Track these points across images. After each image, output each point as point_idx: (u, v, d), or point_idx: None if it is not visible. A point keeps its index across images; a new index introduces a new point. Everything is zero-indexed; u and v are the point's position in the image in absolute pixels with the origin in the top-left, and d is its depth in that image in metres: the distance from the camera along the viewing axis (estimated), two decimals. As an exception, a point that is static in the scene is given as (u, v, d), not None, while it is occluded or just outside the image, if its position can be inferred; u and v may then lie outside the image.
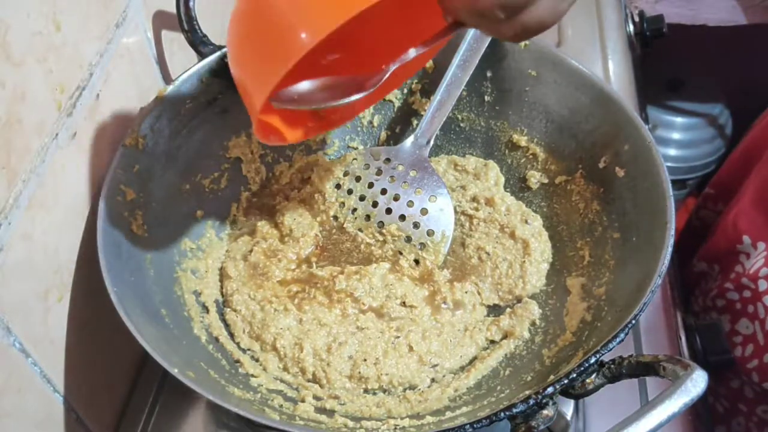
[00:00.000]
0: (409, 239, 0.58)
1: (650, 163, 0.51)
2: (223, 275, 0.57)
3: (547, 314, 0.55)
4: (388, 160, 0.60)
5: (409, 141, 0.60)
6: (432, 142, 0.60)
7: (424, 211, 0.58)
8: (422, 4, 0.45)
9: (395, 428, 0.46)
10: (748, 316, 0.69)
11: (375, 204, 0.59)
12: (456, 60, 0.58)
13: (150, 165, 0.53)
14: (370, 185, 0.59)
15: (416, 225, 0.58)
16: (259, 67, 0.41)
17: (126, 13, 0.52)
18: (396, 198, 0.58)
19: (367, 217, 0.59)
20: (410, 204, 0.58)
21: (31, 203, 0.41)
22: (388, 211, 0.58)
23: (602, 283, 0.52)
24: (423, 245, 0.57)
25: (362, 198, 0.59)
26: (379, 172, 0.60)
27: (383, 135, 0.66)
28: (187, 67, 0.56)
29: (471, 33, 0.58)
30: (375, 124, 0.66)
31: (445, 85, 0.59)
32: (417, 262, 0.57)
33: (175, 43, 0.60)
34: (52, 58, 0.43)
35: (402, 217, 0.58)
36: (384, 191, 0.59)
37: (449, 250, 0.58)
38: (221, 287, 0.56)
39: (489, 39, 0.58)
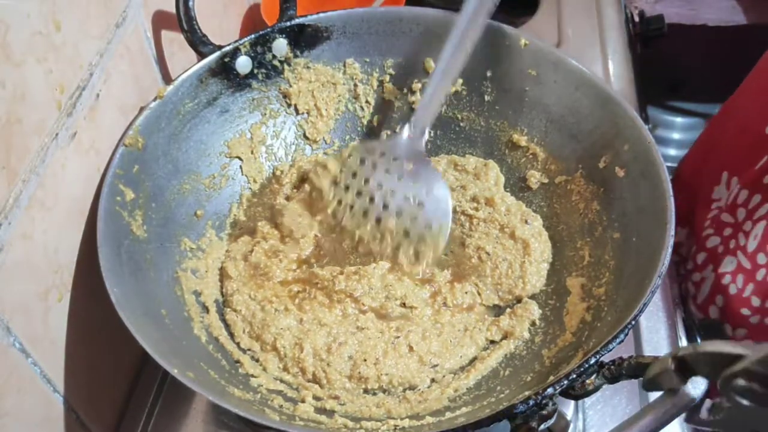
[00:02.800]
0: (407, 233, 0.57)
1: (650, 164, 0.51)
2: (223, 275, 0.57)
3: (547, 314, 0.54)
4: (383, 153, 0.59)
5: (404, 133, 0.59)
6: (427, 133, 0.59)
7: (420, 205, 0.57)
8: None
9: (395, 429, 0.46)
10: (731, 252, 0.70)
11: (372, 200, 0.58)
12: (447, 47, 0.56)
13: (150, 165, 0.53)
14: (366, 181, 0.59)
15: (414, 218, 0.57)
16: None
17: (126, 13, 0.52)
18: (392, 192, 0.58)
19: (365, 213, 0.58)
20: (407, 198, 0.57)
21: (31, 203, 0.41)
22: (385, 206, 0.58)
23: (602, 283, 0.52)
24: (421, 238, 0.57)
25: (359, 194, 0.59)
26: (374, 167, 0.59)
27: (384, 135, 0.66)
28: (187, 67, 0.56)
29: (463, 17, 0.55)
30: (375, 124, 0.66)
31: (438, 72, 0.57)
32: (417, 257, 0.57)
33: (175, 43, 0.60)
34: (52, 58, 0.43)
35: (399, 212, 0.57)
36: (380, 186, 0.58)
37: (449, 251, 0.58)
38: (221, 287, 0.56)
39: (482, 25, 0.56)
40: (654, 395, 0.54)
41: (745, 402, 0.31)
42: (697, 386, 0.34)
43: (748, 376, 0.29)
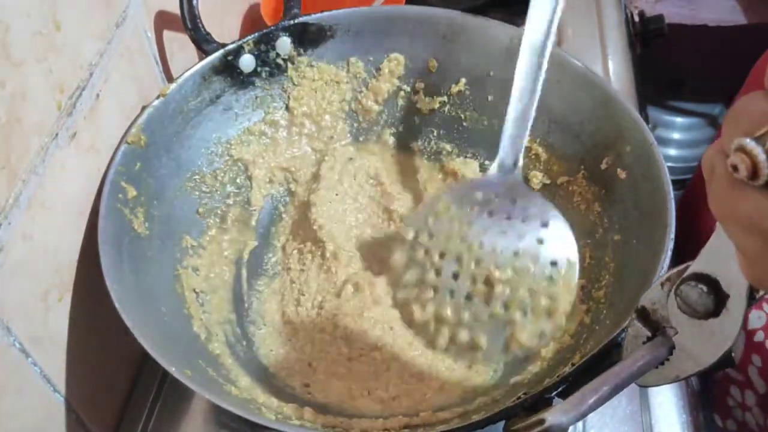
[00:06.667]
0: (533, 276, 0.49)
1: (652, 166, 0.50)
2: None
3: (547, 316, 0.54)
4: (482, 193, 0.52)
5: (494, 168, 0.53)
6: (521, 163, 0.52)
7: (540, 241, 0.50)
8: None
9: (390, 428, 0.46)
10: (757, 306, 0.66)
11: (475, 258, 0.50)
12: (520, 66, 0.51)
13: (152, 162, 0.53)
14: (463, 239, 0.50)
15: (535, 258, 0.49)
16: None
17: (126, 13, 0.52)
18: (504, 233, 0.50)
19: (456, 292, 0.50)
20: (521, 236, 0.50)
21: (31, 203, 0.41)
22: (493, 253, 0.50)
23: (602, 285, 0.52)
24: (550, 278, 0.49)
25: (457, 259, 0.50)
26: (472, 209, 0.51)
27: (387, 133, 0.66)
28: (189, 66, 0.56)
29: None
30: (379, 123, 0.66)
31: (516, 93, 0.51)
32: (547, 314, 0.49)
33: (176, 43, 0.60)
34: (52, 58, 0.43)
35: (516, 254, 0.49)
36: (481, 245, 0.50)
37: None
38: None
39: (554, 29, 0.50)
40: (653, 391, 0.54)
41: (687, 320, 0.33)
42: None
43: (696, 278, 0.32)
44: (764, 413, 0.68)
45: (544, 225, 0.50)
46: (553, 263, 0.49)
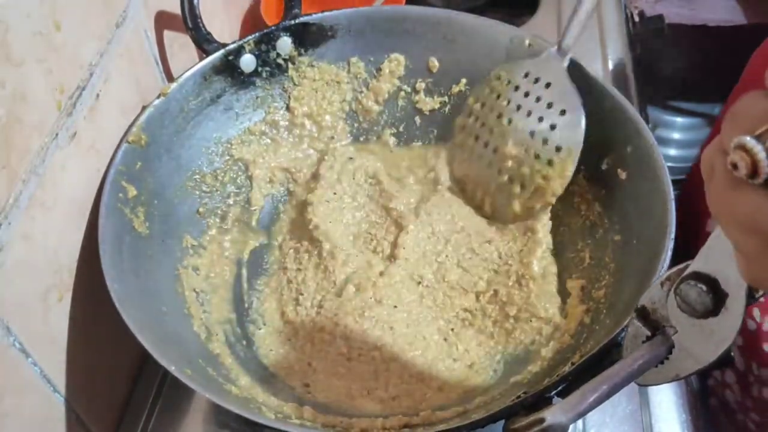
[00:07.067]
0: (537, 157, 0.55)
1: (652, 166, 0.50)
2: None
3: (547, 316, 0.55)
4: (526, 74, 0.57)
5: (553, 49, 0.56)
6: (570, 54, 0.55)
7: (553, 127, 0.54)
8: None
9: (389, 428, 0.46)
10: None
11: (509, 121, 0.56)
12: None
13: (152, 162, 0.53)
14: (508, 102, 0.57)
15: (545, 141, 0.54)
16: None
17: (126, 13, 0.52)
18: (528, 113, 0.55)
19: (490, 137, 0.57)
20: (540, 119, 0.55)
21: (31, 203, 0.41)
22: (516, 128, 0.56)
23: (602, 285, 0.52)
24: (550, 162, 0.54)
25: (498, 116, 0.57)
26: (516, 89, 0.57)
27: (387, 133, 0.66)
28: (189, 66, 0.56)
29: None
30: (379, 123, 0.66)
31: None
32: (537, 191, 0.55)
33: (176, 43, 0.60)
34: (52, 58, 0.43)
35: (532, 134, 0.55)
36: (518, 107, 0.56)
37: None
38: None
39: None
40: (653, 391, 0.54)
41: (687, 318, 0.33)
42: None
43: (696, 277, 0.32)
44: (743, 391, 0.69)
45: (562, 113, 0.54)
46: (558, 149, 0.54)
